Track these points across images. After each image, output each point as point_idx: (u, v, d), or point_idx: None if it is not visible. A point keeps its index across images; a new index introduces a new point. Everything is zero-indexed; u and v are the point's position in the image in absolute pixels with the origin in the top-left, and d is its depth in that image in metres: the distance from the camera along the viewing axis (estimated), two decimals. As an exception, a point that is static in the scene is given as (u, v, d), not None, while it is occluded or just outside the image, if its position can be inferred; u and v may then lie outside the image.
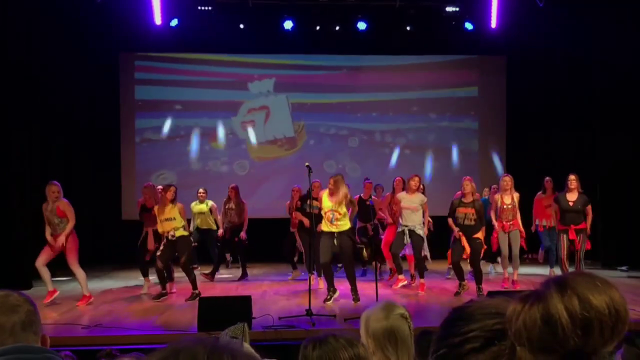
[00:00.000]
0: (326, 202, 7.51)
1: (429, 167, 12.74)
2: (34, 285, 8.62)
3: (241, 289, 8.79)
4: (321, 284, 8.59)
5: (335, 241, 7.46)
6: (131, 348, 4.52)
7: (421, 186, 8.75)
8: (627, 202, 10.35)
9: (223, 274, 10.15)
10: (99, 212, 11.53)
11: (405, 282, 8.57)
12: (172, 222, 7.90)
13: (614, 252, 10.57)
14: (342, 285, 7.80)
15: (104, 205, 11.74)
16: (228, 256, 10.74)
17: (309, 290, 6.80)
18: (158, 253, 7.90)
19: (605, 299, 0.92)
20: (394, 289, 8.47)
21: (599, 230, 10.80)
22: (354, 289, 7.50)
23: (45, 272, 7.52)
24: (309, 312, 6.40)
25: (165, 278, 8.06)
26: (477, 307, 1.10)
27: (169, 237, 7.87)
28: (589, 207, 8.11)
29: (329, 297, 7.53)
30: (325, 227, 7.53)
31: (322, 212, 7.57)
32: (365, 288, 8.32)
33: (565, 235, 8.06)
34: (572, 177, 8.10)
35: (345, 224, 7.53)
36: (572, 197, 8.04)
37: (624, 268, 10.08)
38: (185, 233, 8.07)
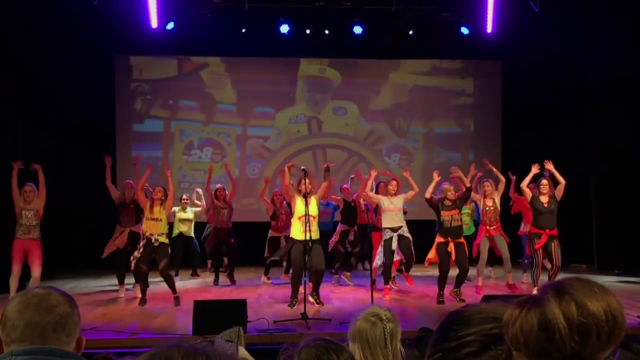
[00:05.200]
0: (300, 207, 7.41)
1: (423, 171, 12.75)
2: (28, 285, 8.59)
3: (236, 292, 8.77)
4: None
5: (310, 249, 7.35)
6: (126, 352, 4.50)
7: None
8: (624, 205, 10.36)
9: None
10: (94, 214, 11.49)
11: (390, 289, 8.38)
12: (157, 224, 7.81)
13: (609, 255, 10.58)
14: (338, 289, 7.80)
15: (99, 206, 11.69)
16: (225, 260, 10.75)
17: (305, 294, 6.79)
18: (138, 256, 7.75)
19: (602, 304, 0.92)
20: (384, 298, 8.19)
21: (594, 233, 10.84)
22: (316, 292, 7.54)
23: (15, 285, 7.52)
24: (304, 315, 6.41)
25: (147, 282, 7.98)
26: (473, 311, 1.10)
27: (153, 240, 7.76)
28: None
29: (292, 303, 7.43)
30: (297, 234, 7.44)
31: (296, 219, 7.49)
32: (362, 293, 8.33)
33: (538, 241, 7.90)
34: (544, 182, 8.08)
35: (317, 232, 7.52)
36: (544, 198, 8.01)
37: (616, 272, 10.10)
38: (166, 240, 7.95)
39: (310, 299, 7.47)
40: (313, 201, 7.49)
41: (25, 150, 9.64)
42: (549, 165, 7.95)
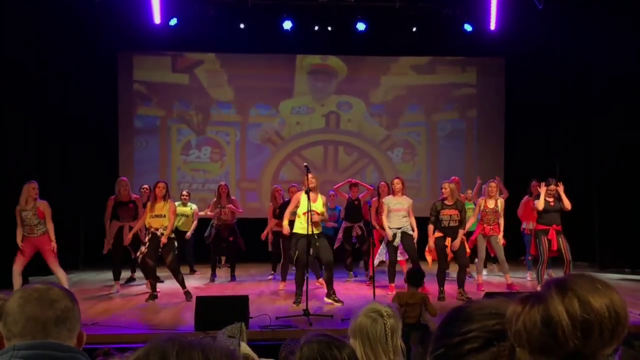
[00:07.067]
0: (304, 203, 7.29)
1: (426, 168, 12.75)
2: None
3: (238, 288, 8.78)
4: (281, 286, 8.71)
5: (316, 243, 7.33)
6: (128, 347, 4.50)
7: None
8: (625, 203, 10.33)
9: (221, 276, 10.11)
10: (95, 211, 11.48)
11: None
12: (161, 220, 7.78)
13: (611, 254, 10.57)
14: (340, 287, 7.79)
15: (100, 204, 11.69)
16: (223, 259, 10.81)
17: (306, 290, 6.80)
18: (144, 250, 7.71)
19: (605, 301, 0.92)
20: (388, 295, 8.28)
21: (596, 232, 10.83)
22: (331, 290, 7.45)
23: (19, 282, 7.32)
24: (306, 312, 6.41)
25: (157, 277, 8.00)
26: (476, 307, 1.10)
27: (158, 234, 7.72)
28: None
29: (297, 300, 7.37)
30: (300, 229, 7.37)
31: (300, 214, 7.41)
32: (363, 290, 8.33)
33: (545, 237, 7.98)
34: (552, 187, 8.10)
35: (320, 226, 7.56)
36: (551, 199, 8.06)
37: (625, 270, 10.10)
38: (172, 235, 7.87)
39: (327, 300, 7.42)
40: (319, 199, 7.50)
41: (27, 148, 9.65)
42: (560, 189, 8.00)
